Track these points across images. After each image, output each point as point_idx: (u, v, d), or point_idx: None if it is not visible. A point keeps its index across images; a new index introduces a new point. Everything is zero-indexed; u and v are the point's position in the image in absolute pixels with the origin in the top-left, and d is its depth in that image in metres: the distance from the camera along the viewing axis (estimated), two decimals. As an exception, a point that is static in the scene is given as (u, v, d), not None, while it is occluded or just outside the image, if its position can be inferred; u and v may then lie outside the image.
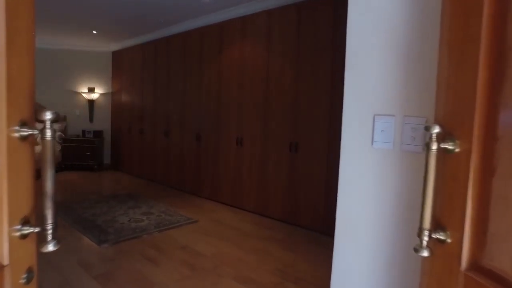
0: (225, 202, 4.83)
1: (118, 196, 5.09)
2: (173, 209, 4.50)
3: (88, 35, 6.41)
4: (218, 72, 4.88)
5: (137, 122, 6.70)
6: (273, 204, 4.21)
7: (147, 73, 6.35)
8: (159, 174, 6.16)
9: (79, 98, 7.60)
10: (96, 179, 6.44)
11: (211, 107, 5.01)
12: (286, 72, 4.04)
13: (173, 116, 5.75)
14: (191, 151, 5.40)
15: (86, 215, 4.10)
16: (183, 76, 5.51)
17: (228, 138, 4.74)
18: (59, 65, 7.49)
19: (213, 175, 5.01)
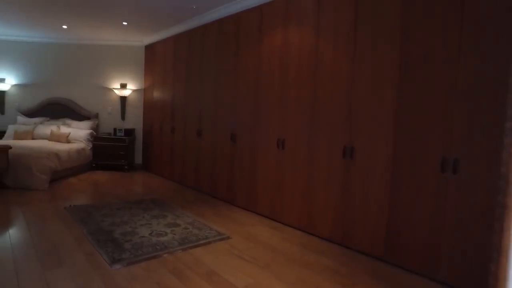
0: (263, 214, 4.15)
1: (143, 201, 4.57)
2: (202, 220, 3.88)
3: (119, 27, 6.01)
4: (257, 63, 4.21)
5: (168, 120, 6.20)
6: (321, 220, 3.45)
7: (179, 67, 5.84)
8: (189, 178, 5.61)
9: (111, 95, 7.27)
10: (124, 180, 6.01)
11: (248, 104, 4.35)
12: (339, 61, 3.28)
13: (206, 114, 5.17)
14: (224, 153, 4.78)
15: (104, 224, 3.58)
16: (217, 69, 4.90)
17: (268, 139, 4.05)
18: (92, 60, 7.22)
19: (249, 182, 4.35)
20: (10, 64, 7.34)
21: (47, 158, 5.27)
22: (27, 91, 7.39)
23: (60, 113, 7.23)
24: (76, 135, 6.67)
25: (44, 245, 3.03)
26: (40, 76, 7.35)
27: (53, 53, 7.28)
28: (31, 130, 6.75)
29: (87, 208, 4.13)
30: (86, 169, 6.77)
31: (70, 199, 4.63)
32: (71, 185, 5.49)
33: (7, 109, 7.44)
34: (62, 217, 3.82)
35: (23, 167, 5.07)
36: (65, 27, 6.22)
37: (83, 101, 7.32)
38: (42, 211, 4.03)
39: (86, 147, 6.63)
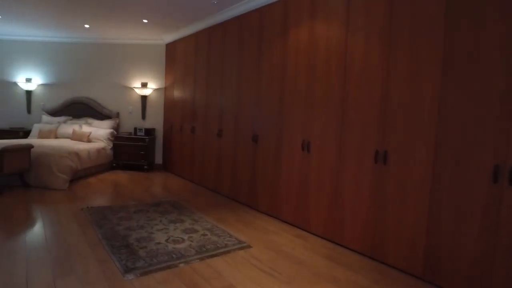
0: (287, 221, 3.89)
1: (161, 204, 4.41)
2: (222, 226, 3.67)
3: (140, 25, 5.90)
4: (281, 60, 3.96)
5: (188, 120, 6.05)
6: (350, 231, 3.16)
7: (200, 65, 5.67)
8: (210, 180, 5.42)
9: (132, 94, 7.21)
10: (143, 181, 5.91)
11: (271, 103, 4.11)
12: (371, 56, 2.98)
13: (227, 113, 4.96)
14: (246, 155, 4.56)
15: (119, 228, 3.44)
16: (239, 67, 4.69)
17: (292, 141, 3.80)
18: (113, 59, 7.18)
19: (272, 186, 4.11)
20: (36, 64, 7.42)
21: (68, 158, 5.23)
22: (52, 91, 7.45)
23: (83, 112, 7.25)
24: (97, 134, 6.64)
25: (57, 249, 2.91)
26: (64, 76, 7.39)
27: (76, 53, 7.30)
28: (55, 129, 6.78)
29: (104, 210, 4.01)
30: (106, 169, 6.73)
31: (88, 199, 4.54)
32: (90, 185, 5.43)
33: (33, 109, 7.53)
34: (79, 219, 3.71)
35: (44, 166, 5.04)
36: (87, 26, 6.19)
37: (104, 100, 7.30)
38: (59, 212, 3.94)
39: (107, 147, 6.59)
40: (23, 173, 5.06)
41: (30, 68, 7.45)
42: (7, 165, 4.61)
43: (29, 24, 6.35)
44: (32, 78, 7.43)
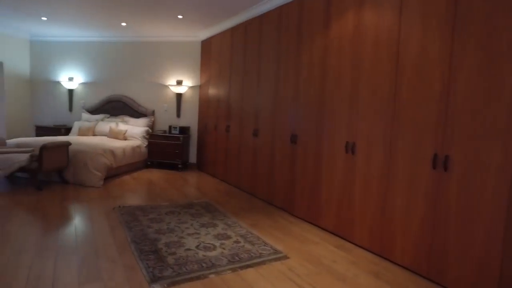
0: (327, 228, 3.56)
1: (193, 206, 4.23)
2: (256, 232, 3.41)
3: (175, 21, 5.79)
4: (323, 54, 3.62)
5: (223, 118, 5.86)
6: (400, 245, 2.78)
7: (236, 62, 5.45)
8: (245, 181, 5.19)
9: (167, 92, 7.16)
10: (176, 180, 5.79)
11: (312, 100, 3.79)
12: (431, 47, 2.57)
13: (263, 112, 4.70)
14: (284, 156, 4.27)
15: (149, 231, 3.28)
16: (277, 62, 4.40)
17: (334, 142, 3.46)
18: (149, 57, 7.17)
19: (311, 190, 3.79)
20: (77, 64, 7.60)
21: (103, 155, 5.22)
22: (91, 89, 7.59)
23: (120, 110, 7.30)
24: (132, 132, 6.64)
25: (86, 251, 2.79)
26: (102, 74, 7.50)
27: (114, 52, 7.37)
28: (93, 126, 6.87)
29: (135, 211, 3.89)
30: (141, 167, 6.72)
31: (121, 198, 4.47)
32: (124, 183, 5.39)
33: (74, 107, 7.72)
34: (110, 219, 3.61)
35: (80, 163, 5.06)
36: (124, 24, 6.18)
37: (140, 98, 7.31)
38: (92, 210, 3.88)
39: (142, 145, 6.57)
40: (62, 170, 5.11)
41: (72, 68, 7.63)
42: (46, 162, 4.66)
43: (71, 25, 6.47)
44: (74, 77, 7.61)
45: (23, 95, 7.76)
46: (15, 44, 7.50)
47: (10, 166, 4.60)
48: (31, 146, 5.13)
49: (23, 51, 7.69)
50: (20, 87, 7.68)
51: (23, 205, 4.01)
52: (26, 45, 7.76)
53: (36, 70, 7.84)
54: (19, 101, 7.67)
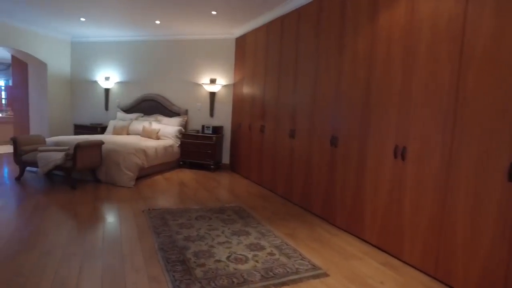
0: (370, 242, 3.20)
1: (225, 210, 4.01)
2: (292, 243, 3.12)
3: (208, 17, 5.61)
4: (369, 47, 3.26)
5: (258, 118, 5.61)
6: (461, 268, 2.37)
7: (271, 59, 5.17)
8: (280, 185, 4.91)
9: (200, 91, 7.03)
10: (208, 181, 5.62)
11: (355, 99, 3.44)
12: (507, 35, 2.15)
13: (301, 112, 4.39)
14: (323, 160, 3.94)
15: (178, 237, 3.09)
16: (315, 58, 4.08)
17: (381, 146, 3.09)
18: (182, 56, 7.07)
19: (353, 198, 3.43)
20: (113, 63, 7.67)
21: (135, 155, 5.14)
22: (126, 88, 7.63)
23: (153, 109, 7.28)
24: (165, 131, 6.56)
25: (112, 257, 2.64)
26: (136, 74, 7.51)
27: (148, 51, 7.36)
28: (127, 125, 6.88)
29: (165, 214, 3.73)
30: (173, 167, 6.63)
31: (151, 200, 4.34)
32: (155, 183, 5.29)
33: (110, 106, 7.81)
34: (138, 222, 3.47)
35: (112, 163, 5.02)
36: (158, 22, 6.11)
37: (173, 97, 7.24)
38: (121, 212, 3.77)
39: (174, 144, 6.47)
40: (95, 169, 5.10)
41: (108, 67, 7.72)
42: (80, 161, 4.64)
43: (107, 25, 6.50)
44: (110, 76, 7.70)
45: (64, 95, 7.97)
46: (58, 46, 7.70)
47: (47, 164, 4.63)
48: (67, 145, 5.16)
49: (65, 52, 7.89)
50: (62, 87, 7.89)
51: (56, 203, 3.99)
52: (68, 46, 7.96)
53: (76, 70, 8.02)
54: (61, 101, 7.88)
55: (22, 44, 6.96)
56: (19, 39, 6.88)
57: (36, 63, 7.54)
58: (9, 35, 6.71)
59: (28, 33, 7.04)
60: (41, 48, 7.34)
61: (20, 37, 6.90)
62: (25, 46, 7.02)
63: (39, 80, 7.62)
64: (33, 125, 7.80)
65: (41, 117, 7.68)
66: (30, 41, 7.09)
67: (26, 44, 7.02)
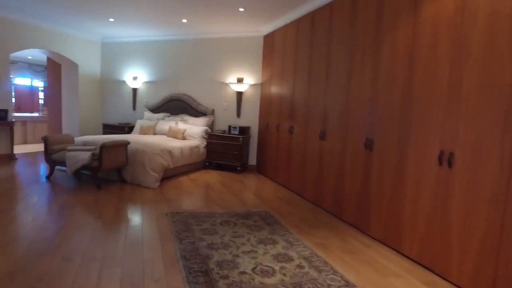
0: (411, 257, 2.89)
1: (251, 216, 3.82)
2: (323, 254, 2.88)
3: (236, 14, 5.45)
4: (410, 41, 2.95)
5: (286, 119, 5.39)
6: (525, 293, 2.04)
7: (301, 56, 4.93)
8: (309, 189, 4.66)
9: (227, 90, 6.89)
10: (234, 183, 5.45)
11: (393, 100, 3.14)
12: None
13: (332, 112, 4.13)
14: (356, 164, 3.66)
15: (201, 244, 2.93)
16: (349, 56, 3.81)
17: (423, 151, 2.78)
18: (209, 55, 6.96)
19: (390, 207, 3.14)
20: (141, 63, 7.70)
21: (160, 155, 5.06)
22: (153, 88, 7.63)
23: (180, 109, 7.22)
24: (191, 131, 6.48)
25: (131, 264, 2.52)
26: (163, 73, 7.49)
27: (174, 50, 7.31)
28: (153, 125, 6.86)
29: (188, 218, 3.59)
30: (198, 168, 6.53)
31: (175, 202, 4.23)
32: (180, 185, 5.19)
33: (137, 105, 7.85)
34: (161, 226, 3.35)
35: (138, 163, 4.96)
36: (185, 21, 6.02)
37: (200, 96, 7.15)
38: (145, 215, 3.67)
39: (200, 145, 6.37)
40: (121, 169, 5.07)
41: (136, 67, 7.76)
42: (106, 161, 4.61)
43: (135, 25, 6.50)
44: (138, 76, 7.73)
45: (94, 94, 8.10)
46: (89, 47, 7.84)
47: (75, 164, 4.64)
48: (94, 144, 5.17)
49: (95, 53, 8.02)
50: (92, 87, 8.03)
51: (82, 203, 3.96)
52: (98, 47, 8.08)
53: (105, 70, 8.12)
54: (91, 101, 8.02)
55: (56, 46, 7.12)
56: (53, 41, 7.04)
57: (69, 64, 7.70)
58: (45, 38, 6.88)
59: (61, 35, 7.19)
60: (73, 49, 7.48)
61: (55, 39, 7.06)
62: (59, 48, 7.18)
63: (71, 80, 7.78)
64: (65, 124, 7.98)
65: (72, 116, 7.84)
66: (63, 42, 7.25)
67: (60, 45, 7.18)
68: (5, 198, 4.03)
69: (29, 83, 11.20)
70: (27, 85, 11.14)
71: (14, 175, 5.29)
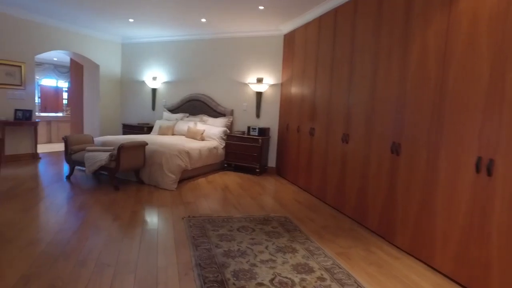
0: (443, 271, 2.67)
1: (270, 221, 3.68)
2: (346, 266, 2.70)
3: (256, 12, 5.31)
4: (443, 39, 2.73)
5: (307, 120, 5.21)
6: None
7: (323, 55, 4.74)
8: (330, 193, 4.47)
9: (246, 90, 6.76)
10: (253, 186, 5.32)
11: (423, 101, 2.92)
12: None
13: (356, 114, 3.92)
14: (381, 169, 3.45)
15: (217, 251, 2.81)
16: (374, 54, 3.60)
17: (458, 157, 2.55)
18: (228, 54, 6.86)
19: (419, 216, 2.92)
20: (160, 63, 7.69)
21: (178, 157, 4.99)
22: (173, 88, 7.61)
23: (199, 109, 7.16)
24: (210, 132, 6.39)
25: (145, 271, 2.43)
26: (182, 73, 7.45)
27: (193, 50, 7.25)
28: (172, 126, 6.83)
29: (205, 223, 3.48)
30: (217, 169, 6.44)
31: (192, 205, 4.14)
32: (198, 187, 5.10)
33: (156, 106, 7.85)
34: (177, 231, 3.25)
35: (156, 164, 4.91)
36: (204, 20, 5.94)
37: (219, 97, 7.06)
38: (161, 218, 3.59)
39: (219, 146, 6.28)
40: (138, 170, 5.03)
41: (155, 67, 7.76)
42: (124, 162, 4.58)
43: (154, 25, 6.48)
44: (157, 76, 7.73)
45: (114, 95, 8.17)
46: (109, 48, 7.91)
47: (93, 164, 4.63)
48: (113, 145, 5.16)
49: (116, 54, 8.08)
50: (112, 88, 8.10)
51: (99, 204, 3.93)
52: (118, 48, 8.15)
53: (125, 71, 8.18)
54: (111, 101, 8.09)
55: (79, 47, 7.22)
56: (76, 42, 7.13)
57: (90, 65, 7.79)
58: (67, 40, 6.98)
59: (83, 37, 7.28)
60: (94, 50, 7.56)
61: (77, 41, 7.15)
62: (81, 49, 7.27)
63: (92, 81, 7.87)
64: (86, 124, 8.08)
65: (93, 116, 7.93)
66: (85, 44, 7.33)
67: (81, 47, 7.27)
68: (26, 198, 4.06)
69: (55, 84, 11.48)
70: (53, 86, 11.42)
71: (37, 174, 5.36)
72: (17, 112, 6.20)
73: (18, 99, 6.31)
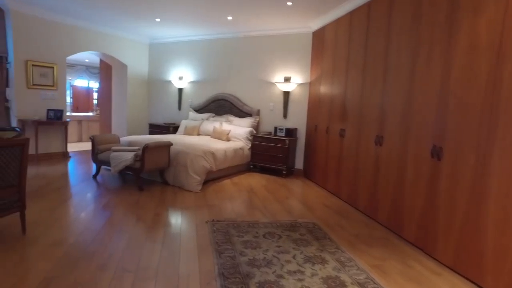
0: None
1: (297, 228, 3.48)
2: (381, 280, 2.46)
3: (283, 9, 5.12)
4: (497, 30, 2.43)
5: (337, 121, 4.96)
6: None
7: (354, 53, 4.48)
8: (362, 199, 4.21)
9: (273, 90, 6.58)
10: (279, 189, 5.13)
11: (470, 101, 2.62)
12: None
13: (391, 115, 3.65)
14: (419, 174, 3.17)
15: (242, 260, 2.65)
16: (412, 49, 3.31)
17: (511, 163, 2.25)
18: (255, 53, 6.70)
19: (465, 229, 2.63)
20: (186, 63, 7.66)
21: (203, 158, 4.89)
22: (199, 88, 7.55)
23: (225, 109, 7.05)
24: (235, 132, 6.26)
25: (165, 278, 2.31)
26: (209, 73, 7.38)
27: (220, 49, 7.15)
28: (198, 126, 6.76)
29: (229, 228, 3.33)
30: (242, 170, 6.30)
31: (217, 208, 4.01)
32: (223, 189, 4.97)
33: (183, 105, 7.83)
34: (200, 236, 3.13)
35: (180, 165, 4.83)
36: (230, 18, 5.81)
37: (245, 96, 6.92)
38: (184, 222, 3.48)
39: (245, 147, 6.13)
40: (163, 171, 4.98)
41: (182, 67, 7.73)
42: (148, 162, 4.53)
43: (181, 24, 6.43)
44: (183, 76, 7.70)
45: (142, 95, 8.23)
46: (137, 48, 7.98)
47: (118, 164, 4.61)
48: (139, 145, 5.14)
49: (143, 54, 8.14)
50: (139, 88, 8.16)
51: (123, 205, 3.89)
52: (146, 48, 8.20)
53: (152, 71, 8.22)
54: (138, 101, 8.16)
55: (107, 48, 7.31)
56: (104, 43, 7.23)
57: (119, 65, 7.89)
58: (96, 40, 7.08)
59: (112, 37, 7.37)
60: (123, 50, 7.64)
61: (105, 42, 7.24)
62: (109, 50, 7.36)
63: (120, 81, 7.96)
64: (114, 123, 8.19)
65: (121, 116, 8.03)
66: (113, 44, 7.42)
67: (110, 47, 7.36)
68: (54, 196, 4.09)
69: (86, 84, 11.79)
70: (84, 86, 11.73)
71: (66, 173, 5.43)
72: (49, 112, 6.34)
73: (51, 99, 6.46)
